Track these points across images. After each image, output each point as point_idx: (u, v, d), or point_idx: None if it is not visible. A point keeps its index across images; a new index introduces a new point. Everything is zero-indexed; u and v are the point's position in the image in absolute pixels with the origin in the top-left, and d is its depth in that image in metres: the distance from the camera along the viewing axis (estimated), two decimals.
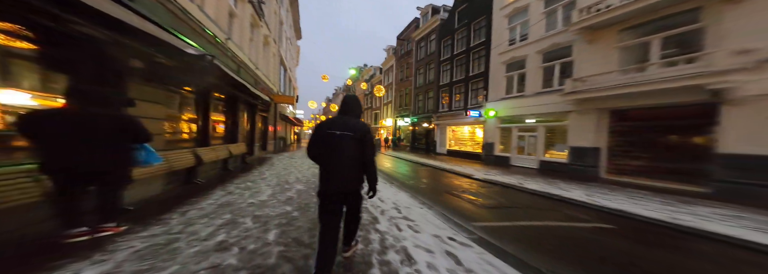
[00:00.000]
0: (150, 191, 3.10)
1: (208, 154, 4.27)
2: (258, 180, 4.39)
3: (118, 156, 1.86)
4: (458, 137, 12.74)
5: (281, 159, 8.18)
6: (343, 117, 1.58)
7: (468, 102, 11.56)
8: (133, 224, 2.16)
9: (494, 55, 9.87)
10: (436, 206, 3.25)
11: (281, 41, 14.14)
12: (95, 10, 1.72)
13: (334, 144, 1.48)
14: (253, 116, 8.29)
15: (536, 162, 8.11)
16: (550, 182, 5.32)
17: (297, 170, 5.69)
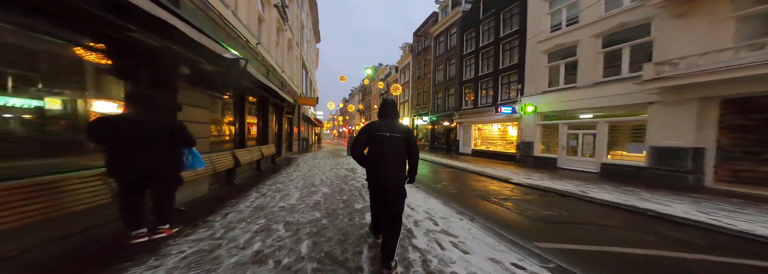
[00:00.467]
0: (198, 191, 3.25)
1: (244, 155, 4.42)
2: (287, 181, 4.44)
3: (169, 159, 1.92)
4: (486, 136, 11.83)
5: (305, 160, 8.35)
6: (387, 119, 1.78)
7: (498, 98, 10.61)
8: (183, 226, 2.22)
9: (531, 44, 8.78)
10: (479, 218, 2.84)
11: (302, 44, 14.57)
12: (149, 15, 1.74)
13: (385, 144, 1.68)
14: (280, 118, 8.59)
15: (595, 165, 6.80)
16: (626, 191, 4.32)
17: (320, 172, 5.72)
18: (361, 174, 5.44)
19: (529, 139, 8.81)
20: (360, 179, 4.78)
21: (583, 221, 2.96)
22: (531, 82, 8.85)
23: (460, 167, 7.62)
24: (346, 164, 7.26)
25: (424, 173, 6.65)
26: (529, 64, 8.98)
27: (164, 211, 1.99)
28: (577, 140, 7.44)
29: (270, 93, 5.88)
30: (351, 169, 6.28)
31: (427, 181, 5.51)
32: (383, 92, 30.98)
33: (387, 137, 1.68)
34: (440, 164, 8.73)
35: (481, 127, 12.04)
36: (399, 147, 1.69)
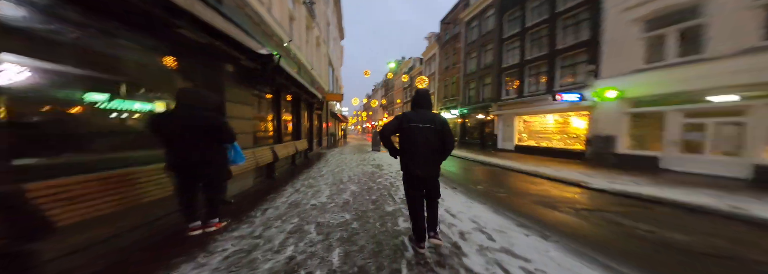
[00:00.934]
0: (246, 185, 3.46)
1: (281, 150, 4.60)
2: (317, 177, 4.50)
3: (217, 154, 1.97)
4: (535, 130, 10.01)
5: (333, 155, 8.53)
6: (421, 110, 1.79)
7: (554, 84, 8.88)
8: (230, 220, 2.31)
9: (614, 13, 6.88)
10: (552, 233, 2.19)
11: (328, 42, 14.80)
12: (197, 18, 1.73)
13: (418, 136, 1.70)
14: (311, 114, 8.90)
15: (742, 167, 4.73)
16: None
17: (348, 168, 5.71)
18: (387, 171, 5.28)
19: (609, 131, 6.89)
20: (387, 177, 4.62)
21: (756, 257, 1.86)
22: (613, 61, 6.92)
23: (502, 166, 6.75)
24: (371, 160, 7.19)
25: (455, 171, 6.19)
26: (608, 39, 7.04)
27: (214, 204, 2.07)
28: (705, 132, 5.33)
29: (302, 89, 6.02)
30: (377, 165, 6.16)
31: (462, 180, 5.01)
32: (406, 86, 30.22)
33: (420, 128, 1.69)
34: (475, 161, 7.94)
35: (528, 120, 10.32)
36: (433, 138, 1.71)
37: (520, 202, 3.45)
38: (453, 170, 6.32)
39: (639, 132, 6.55)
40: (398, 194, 3.38)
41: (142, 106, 2.20)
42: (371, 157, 8.05)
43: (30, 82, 1.45)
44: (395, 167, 5.99)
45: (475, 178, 5.41)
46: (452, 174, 5.80)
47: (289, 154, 5.14)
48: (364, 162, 6.80)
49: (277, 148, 4.41)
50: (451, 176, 5.41)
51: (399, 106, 34.22)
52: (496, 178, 5.36)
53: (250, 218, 2.42)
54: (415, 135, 1.70)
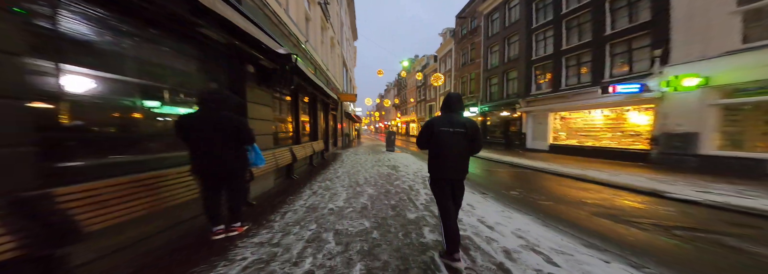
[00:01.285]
0: (267, 185, 3.47)
1: (299, 151, 4.60)
2: (334, 179, 4.42)
3: (239, 156, 1.94)
4: (575, 127, 8.83)
5: (348, 155, 8.48)
6: (451, 114, 1.77)
7: (603, 74, 7.73)
8: (251, 224, 2.27)
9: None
10: (647, 262, 1.71)
11: (342, 42, 14.89)
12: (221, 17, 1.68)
13: (448, 140, 1.70)
14: (326, 115, 8.96)
15: None
16: None
17: (363, 169, 5.58)
18: (403, 173, 5.07)
19: (686, 128, 5.77)
20: (404, 179, 4.42)
21: None
22: (689, 43, 5.77)
23: (537, 168, 5.99)
24: (386, 161, 7.01)
25: (480, 173, 5.75)
26: (682, 17, 5.89)
27: (237, 207, 2.03)
28: None
29: (318, 91, 6.02)
30: (392, 166, 5.98)
31: (490, 184, 4.47)
32: (420, 84, 29.63)
33: (450, 132, 1.70)
34: (502, 162, 7.23)
35: (567, 116, 9.14)
36: (462, 142, 1.72)
37: (574, 213, 2.81)
38: (477, 172, 5.84)
39: (734, 129, 5.26)
40: (419, 198, 3.18)
41: (169, 109, 2.22)
42: (386, 158, 7.89)
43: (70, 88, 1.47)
44: (412, 168, 5.77)
45: (505, 182, 4.78)
46: (477, 177, 5.33)
47: (307, 155, 5.14)
48: (379, 163, 6.66)
49: (296, 149, 4.41)
50: (475, 179, 4.95)
51: (412, 106, 33.71)
52: (533, 182, 4.70)
53: (270, 222, 2.37)
54: (444, 139, 1.71)
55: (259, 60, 2.93)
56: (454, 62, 19.15)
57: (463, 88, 17.12)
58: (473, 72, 15.45)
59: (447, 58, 21.51)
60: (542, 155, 8.99)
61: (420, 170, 5.49)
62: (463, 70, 16.98)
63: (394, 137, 10.69)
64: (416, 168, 5.73)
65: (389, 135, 10.65)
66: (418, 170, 5.41)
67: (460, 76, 17.40)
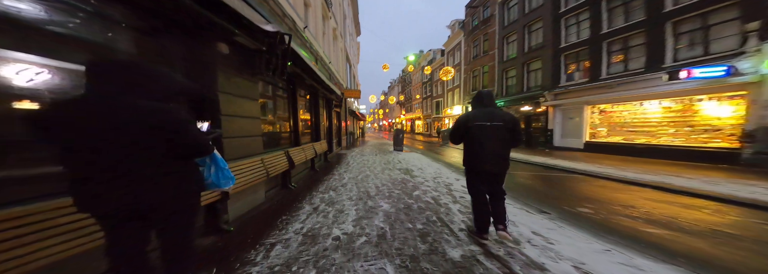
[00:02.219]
0: (256, 200, 2.77)
1: (298, 155, 3.90)
2: (339, 187, 3.70)
3: (171, 180, 0.96)
4: (622, 121, 7.56)
5: (354, 157, 7.77)
6: (486, 109, 1.83)
7: (664, 57, 6.54)
8: (215, 270, 1.53)
9: None
10: None
11: (345, 36, 14.10)
12: None
13: (486, 133, 1.77)
14: (330, 112, 8.24)
15: None
16: None
17: (372, 174, 4.84)
18: (421, 179, 4.33)
19: None
20: (425, 189, 3.68)
21: None
22: None
23: (586, 172, 4.92)
24: (396, 163, 6.27)
25: (515, 180, 4.77)
26: None
27: (178, 266, 1.06)
28: None
29: (320, 84, 5.28)
30: (405, 170, 5.22)
31: (538, 195, 3.45)
32: (426, 80, 28.60)
33: (488, 126, 1.75)
34: (533, 164, 6.22)
35: (609, 109, 7.90)
36: (502, 135, 1.76)
37: (729, 255, 1.79)
38: (519, 181, 4.84)
39: None
40: (454, 220, 2.38)
41: None
42: (395, 159, 7.14)
43: None
44: (428, 172, 5.00)
45: (555, 191, 3.74)
46: (513, 184, 4.19)
47: (308, 158, 4.44)
48: (389, 165, 5.92)
49: (293, 152, 3.71)
50: (514, 188, 3.75)
51: (418, 102, 32.73)
52: (596, 193, 3.57)
53: (246, 265, 1.60)
54: (481, 133, 1.76)
55: (235, 36, 2.19)
56: (464, 55, 18.09)
57: (474, 83, 16.10)
58: (486, 65, 14.41)
59: (455, 51, 20.42)
60: (576, 154, 7.87)
61: (438, 174, 4.72)
62: (474, 64, 15.93)
63: (402, 136, 9.91)
64: (433, 172, 4.95)
65: (397, 134, 9.87)
66: (437, 175, 4.64)
67: (471, 70, 16.35)
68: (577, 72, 8.95)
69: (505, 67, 12.63)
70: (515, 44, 11.98)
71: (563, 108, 9.35)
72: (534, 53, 10.71)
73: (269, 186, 3.19)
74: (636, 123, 7.28)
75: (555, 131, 9.61)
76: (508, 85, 12.61)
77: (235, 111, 2.40)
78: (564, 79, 9.42)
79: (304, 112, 5.40)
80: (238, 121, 2.44)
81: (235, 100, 2.40)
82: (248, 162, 2.48)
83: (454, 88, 20.52)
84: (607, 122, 8.08)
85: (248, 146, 2.61)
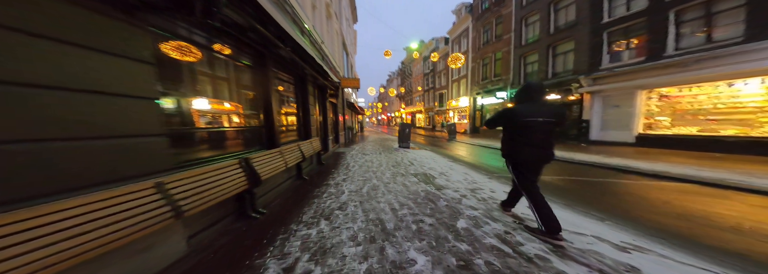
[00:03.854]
0: (164, 255, 1.44)
1: (271, 162, 2.56)
2: (335, 212, 2.39)
3: None
4: (696, 109, 6.09)
5: (354, 157, 6.43)
6: (536, 104, 1.81)
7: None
8: None
9: None
10: None
11: (341, 19, 12.45)
12: None
13: (539, 130, 1.77)
14: (323, 103, 6.82)
15: None
16: None
17: (381, 183, 3.55)
18: (454, 194, 3.06)
19: None
20: (473, 214, 2.39)
21: None
22: None
23: (688, 178, 3.54)
24: (407, 165, 4.98)
25: (569, 186, 3.53)
26: None
27: None
28: None
29: (305, 61, 3.87)
30: (424, 177, 3.92)
31: (621, 210, 2.45)
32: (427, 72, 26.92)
33: (540, 122, 1.75)
34: (580, 163, 4.97)
35: (674, 94, 6.37)
36: (552, 129, 1.80)
37: None
38: (557, 181, 3.58)
39: None
40: None
41: None
42: (405, 159, 5.83)
43: None
44: (457, 179, 3.70)
45: (645, 204, 2.62)
46: (568, 191, 3.11)
47: (290, 164, 3.11)
48: (398, 168, 4.63)
49: (260, 160, 2.37)
50: (573, 196, 2.82)
51: (418, 95, 31.13)
52: (681, 204, 2.56)
53: None
54: (533, 129, 1.77)
55: None
56: (472, 42, 16.47)
57: (484, 72, 14.61)
58: (499, 51, 12.87)
59: (462, 38, 18.75)
60: (626, 150, 6.44)
61: (472, 182, 3.39)
62: (485, 50, 14.37)
63: (409, 131, 8.58)
64: (463, 179, 3.64)
65: (403, 128, 8.52)
66: (471, 184, 3.33)
67: (480, 58, 14.80)
68: (627, 51, 7.37)
69: (524, 52, 11.07)
70: (537, 25, 10.38)
71: (604, 95, 7.81)
72: (563, 34, 9.14)
73: (218, 215, 1.87)
74: (721, 110, 5.70)
75: (592, 122, 8.12)
76: (526, 73, 11.12)
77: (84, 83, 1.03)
78: (606, 60, 7.84)
79: (286, 105, 4.00)
80: (78, 101, 1.09)
81: (85, 53, 1.03)
82: (119, 193, 1.14)
83: (460, 79, 19.02)
84: (670, 110, 6.49)
85: (113, 162, 1.24)
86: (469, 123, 16.53)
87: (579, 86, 8.32)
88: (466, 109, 17.58)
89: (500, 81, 12.72)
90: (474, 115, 16.02)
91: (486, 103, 14.36)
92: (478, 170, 4.53)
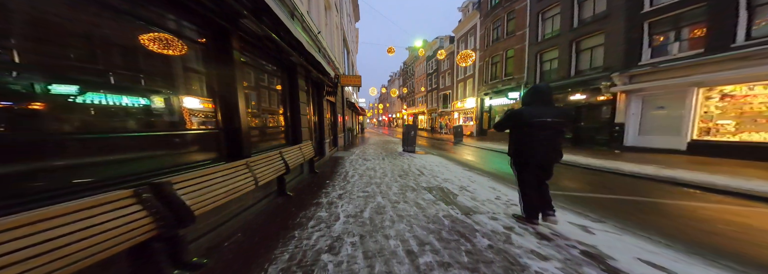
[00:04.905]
0: None
1: (216, 186, 1.74)
2: (322, 259, 1.56)
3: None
4: None
5: (354, 162, 5.59)
6: (543, 107, 1.88)
7: None
8: None
9: None
10: None
11: (342, 12, 11.72)
12: None
13: (549, 130, 1.87)
14: (319, 101, 6.00)
15: None
16: None
17: (387, 200, 2.75)
18: (488, 222, 2.25)
19: None
20: (528, 261, 1.57)
21: None
22: None
23: None
24: (418, 175, 4.14)
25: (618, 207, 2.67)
26: None
27: None
28: None
29: (293, 47, 3.06)
30: (441, 192, 3.09)
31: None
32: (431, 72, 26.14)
33: (549, 122, 1.82)
34: (643, 177, 3.88)
35: (740, 92, 5.35)
36: (560, 130, 1.90)
37: None
38: (595, 195, 2.70)
39: None
40: None
41: None
42: (412, 167, 4.99)
43: None
44: (483, 196, 2.85)
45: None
46: (621, 213, 2.21)
47: (263, 181, 2.27)
48: (407, 179, 3.80)
49: (203, 179, 1.54)
50: (624, 216, 1.89)
51: (421, 96, 30.31)
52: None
53: None
54: (542, 129, 1.84)
55: None
56: (480, 40, 15.69)
57: (494, 71, 13.77)
58: (511, 48, 12.04)
59: (468, 36, 17.98)
60: (676, 158, 5.42)
61: (516, 208, 2.45)
62: (494, 48, 13.55)
63: (415, 133, 7.75)
64: (496, 198, 2.76)
65: (407, 131, 7.70)
66: (516, 209, 2.38)
67: (490, 56, 13.97)
68: (677, 43, 6.30)
69: (541, 49, 10.18)
70: (557, 19, 9.49)
71: (645, 94, 6.73)
72: (590, 27, 8.17)
73: None
74: None
75: (628, 126, 7.03)
76: (543, 71, 10.20)
77: None
78: (648, 54, 6.78)
79: (265, 96, 3.16)
80: None
81: None
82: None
83: (466, 79, 18.21)
84: (736, 112, 5.45)
85: None
86: (476, 125, 15.66)
87: (611, 85, 7.33)
88: (472, 110, 16.72)
89: (512, 80, 11.85)
90: (481, 117, 15.15)
91: (495, 105, 13.50)
92: (507, 182, 3.66)
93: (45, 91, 1.11)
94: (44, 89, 1.11)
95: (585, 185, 3.73)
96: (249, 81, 2.81)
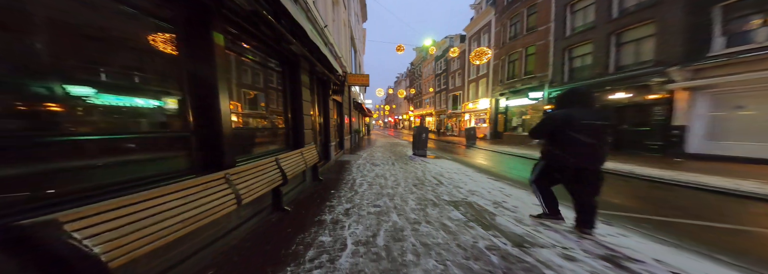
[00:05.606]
0: None
1: (150, 225, 1.25)
2: None
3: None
4: None
5: (362, 168, 5.06)
6: (588, 109, 1.83)
7: None
8: None
9: None
10: None
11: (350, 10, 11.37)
12: None
13: (599, 132, 1.77)
14: (324, 100, 5.53)
15: None
16: None
17: (404, 219, 2.23)
18: (570, 269, 1.62)
19: None
20: None
21: None
22: None
23: None
24: (436, 184, 3.55)
25: None
26: None
27: None
28: None
29: (301, 41, 2.59)
30: (475, 211, 2.50)
31: None
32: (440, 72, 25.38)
33: (598, 125, 1.75)
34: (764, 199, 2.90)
35: None
36: (607, 133, 1.80)
37: None
38: None
39: None
40: None
41: None
42: (427, 173, 4.39)
43: None
44: (528, 212, 2.25)
45: None
46: None
47: (249, 198, 1.79)
48: (423, 189, 3.21)
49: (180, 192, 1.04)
50: None
51: (429, 97, 29.54)
52: None
53: None
54: (594, 132, 1.75)
55: None
56: (495, 38, 14.92)
57: (511, 69, 12.94)
58: (532, 45, 11.21)
59: (481, 34, 17.22)
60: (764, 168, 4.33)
61: (582, 236, 1.82)
62: (512, 46, 12.75)
63: (426, 136, 7.15)
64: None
65: (419, 133, 7.11)
66: (586, 239, 1.75)
67: (506, 54, 13.17)
68: (765, 29, 5.04)
69: (570, 44, 9.26)
70: (589, 11, 8.55)
71: (715, 92, 5.70)
72: (636, 16, 7.12)
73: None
74: None
75: (691, 129, 5.97)
76: (574, 68, 9.25)
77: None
78: (719, 44, 5.63)
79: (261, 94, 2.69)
80: None
81: None
82: None
83: (479, 79, 17.41)
84: None
85: None
86: (490, 127, 14.80)
87: (667, 81, 6.22)
88: (485, 111, 15.86)
89: (534, 79, 10.98)
90: (496, 119, 14.28)
91: (512, 105, 12.62)
92: (559, 198, 3.00)
93: None
94: None
95: (663, 206, 2.98)
96: (238, 73, 2.34)
